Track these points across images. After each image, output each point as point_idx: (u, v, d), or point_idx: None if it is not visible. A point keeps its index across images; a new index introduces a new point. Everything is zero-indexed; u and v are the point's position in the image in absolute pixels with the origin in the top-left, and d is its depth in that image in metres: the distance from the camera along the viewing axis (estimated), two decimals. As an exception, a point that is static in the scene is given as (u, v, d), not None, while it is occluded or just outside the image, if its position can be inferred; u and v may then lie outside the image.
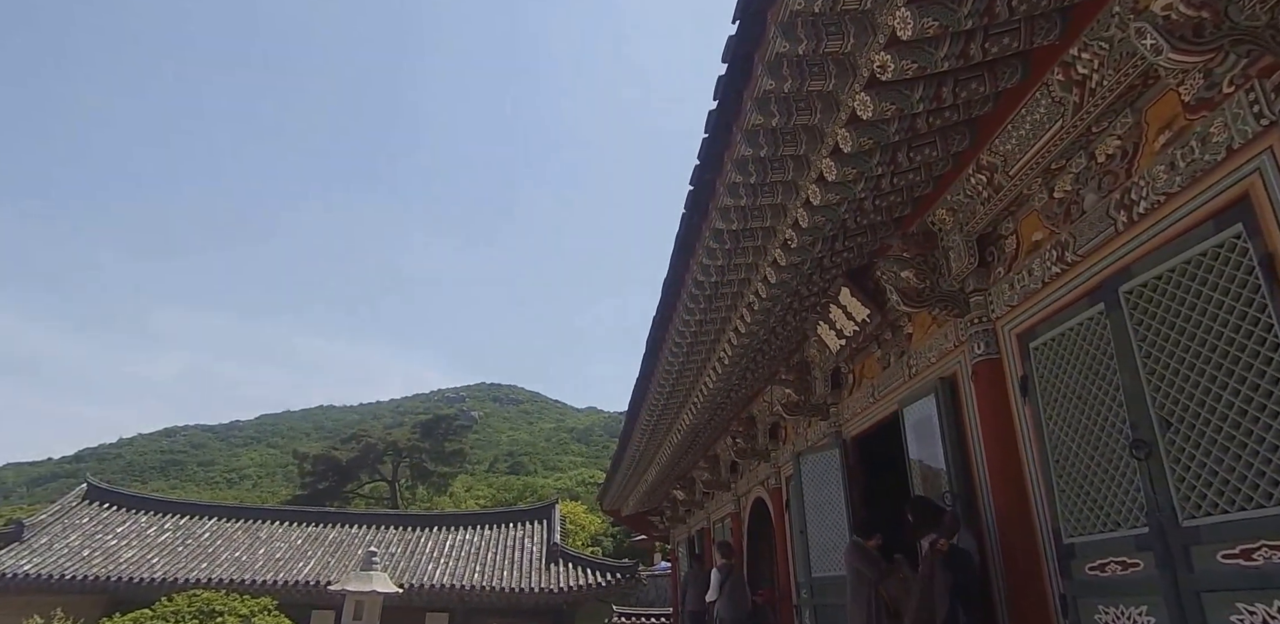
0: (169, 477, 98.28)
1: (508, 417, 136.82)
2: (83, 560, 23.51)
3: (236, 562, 24.70)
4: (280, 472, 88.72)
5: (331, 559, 25.36)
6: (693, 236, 6.38)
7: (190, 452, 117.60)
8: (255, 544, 26.35)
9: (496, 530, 28.42)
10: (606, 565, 25.61)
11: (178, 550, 25.20)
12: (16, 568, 22.23)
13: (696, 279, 6.72)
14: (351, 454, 53.91)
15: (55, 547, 24.22)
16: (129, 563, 23.72)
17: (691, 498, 14.79)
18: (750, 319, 7.10)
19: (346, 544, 26.78)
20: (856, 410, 7.66)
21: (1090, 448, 4.31)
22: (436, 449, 57.51)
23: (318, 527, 28.30)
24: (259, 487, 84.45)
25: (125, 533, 26.13)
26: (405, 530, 28.27)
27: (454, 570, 24.77)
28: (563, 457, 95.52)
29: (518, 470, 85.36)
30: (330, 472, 53.04)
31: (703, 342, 7.97)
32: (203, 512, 29.18)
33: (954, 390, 5.83)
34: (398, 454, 55.32)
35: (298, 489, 55.39)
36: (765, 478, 10.39)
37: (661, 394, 9.59)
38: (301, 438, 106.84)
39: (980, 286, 5.50)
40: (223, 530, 27.31)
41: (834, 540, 7.42)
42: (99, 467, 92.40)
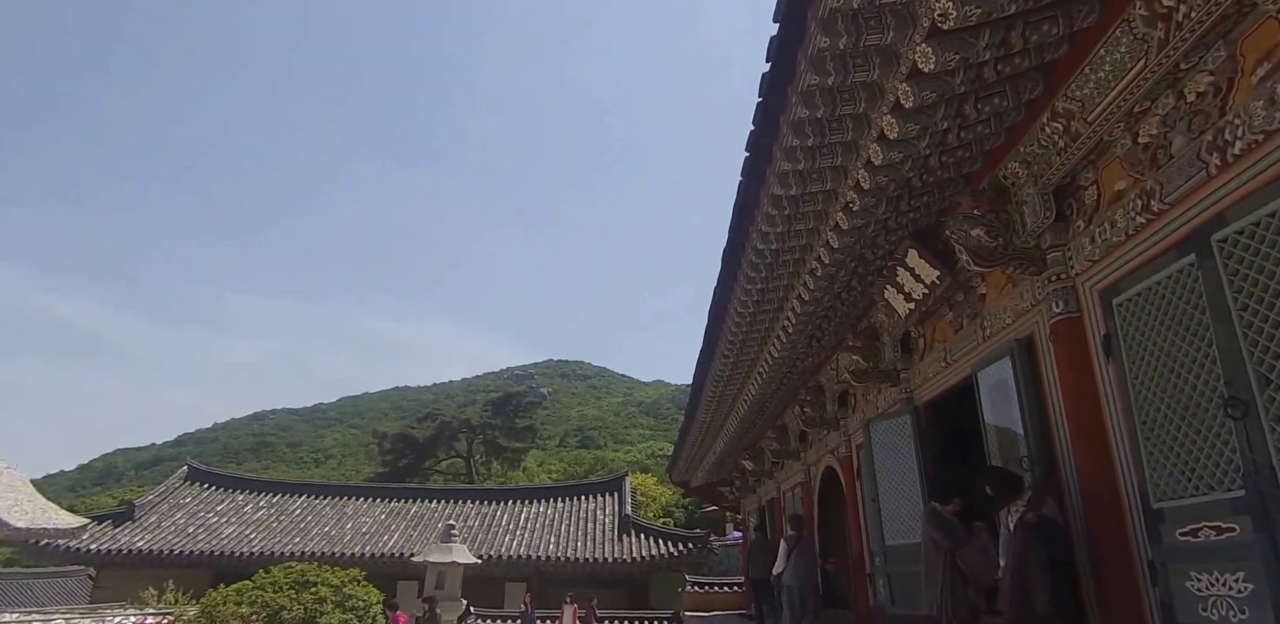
0: (260, 458, 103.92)
1: (576, 392, 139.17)
2: (188, 537, 25.22)
3: (326, 536, 26.08)
4: (362, 450, 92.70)
5: (413, 532, 26.50)
6: (750, 204, 6.27)
7: (279, 434, 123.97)
8: (343, 519, 27.73)
9: (569, 503, 29.10)
10: (678, 536, 25.96)
11: (272, 526, 26.75)
12: (130, 545, 24.02)
13: (756, 247, 6.61)
14: (427, 432, 55.87)
15: (164, 524, 26.02)
16: (229, 538, 25.33)
17: (761, 468, 14.77)
18: (814, 286, 6.95)
19: (427, 518, 27.91)
20: (928, 375, 7.46)
21: (1181, 408, 4.08)
22: (508, 426, 59.07)
23: (399, 502, 29.56)
24: (343, 465, 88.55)
25: (224, 511, 27.85)
26: (482, 504, 29.24)
27: (530, 542, 25.56)
28: (631, 430, 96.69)
29: (588, 445, 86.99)
30: (408, 450, 55.11)
31: (765, 311, 7.86)
32: (294, 490, 30.84)
33: (1031, 352, 5.61)
34: (471, 431, 57.06)
35: (379, 467, 57.83)
36: (835, 446, 10.27)
37: (725, 366, 9.54)
38: (380, 418, 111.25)
39: (1058, 242, 5.23)
40: (312, 507, 28.81)
41: (907, 508, 7.30)
42: (197, 450, 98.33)
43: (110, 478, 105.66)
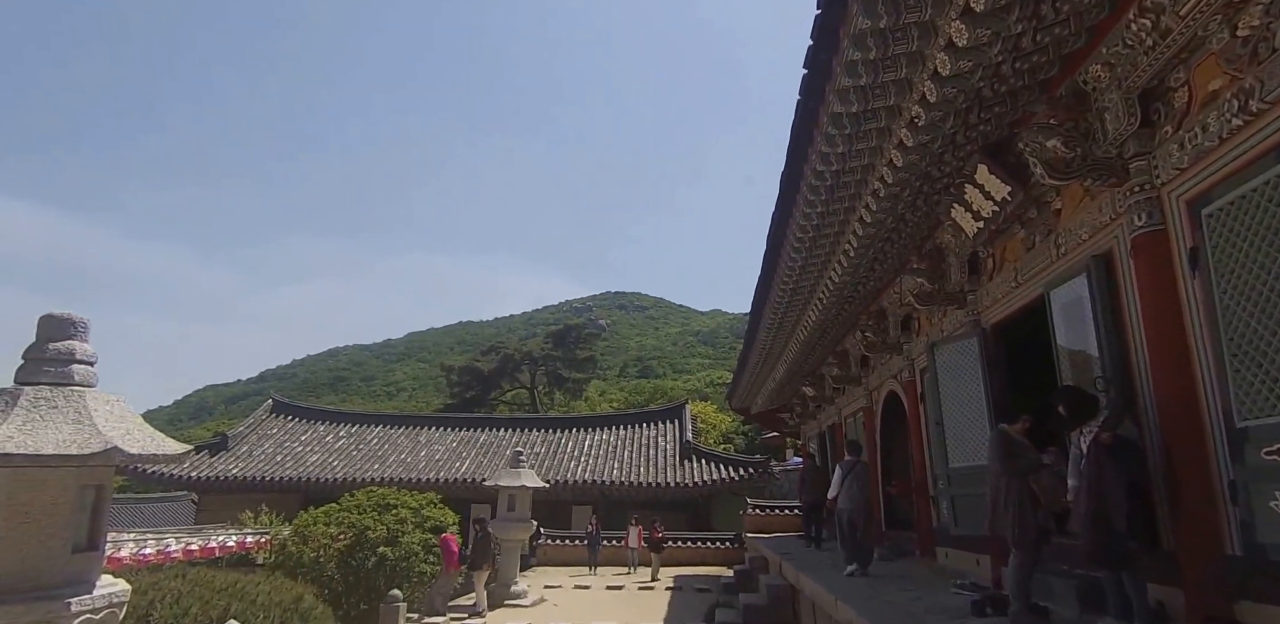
0: (337, 391, 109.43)
1: (634, 323, 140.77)
2: (277, 464, 27.06)
3: (402, 463, 27.61)
4: (430, 383, 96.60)
5: (484, 459, 27.80)
6: (809, 124, 6.00)
7: (352, 368, 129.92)
8: (417, 447, 29.25)
9: (631, 430, 29.94)
10: (738, 461, 26.56)
11: (352, 454, 28.42)
12: (227, 472, 25.95)
13: (816, 169, 6.38)
14: (492, 365, 57.67)
15: (255, 453, 27.94)
16: (314, 465, 27.08)
17: (821, 394, 14.81)
18: (876, 207, 6.71)
19: (495, 446, 29.18)
20: (997, 297, 7.22)
21: (1273, 323, 3.86)
22: (569, 357, 60.44)
23: (469, 431, 30.91)
24: (414, 397, 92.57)
25: (308, 440, 29.67)
26: (547, 432, 30.34)
27: (594, 467, 26.56)
28: (690, 359, 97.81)
29: (647, 374, 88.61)
30: (475, 381, 57.14)
31: (825, 235, 7.66)
32: (370, 420, 32.54)
33: (1109, 268, 5.34)
34: (534, 363, 58.64)
35: (447, 398, 60.29)
36: (898, 371, 10.18)
37: (785, 292, 9.43)
38: (446, 352, 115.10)
39: (1142, 150, 4.87)
40: (388, 436, 30.42)
41: (973, 431, 7.24)
42: (279, 385, 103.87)
43: (203, 412, 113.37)
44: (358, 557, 16.31)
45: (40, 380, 3.24)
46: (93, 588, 3.43)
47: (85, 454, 3.05)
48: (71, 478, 3.22)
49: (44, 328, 3.36)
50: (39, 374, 3.28)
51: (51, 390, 3.21)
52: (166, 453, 3.50)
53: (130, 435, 3.32)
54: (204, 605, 9.50)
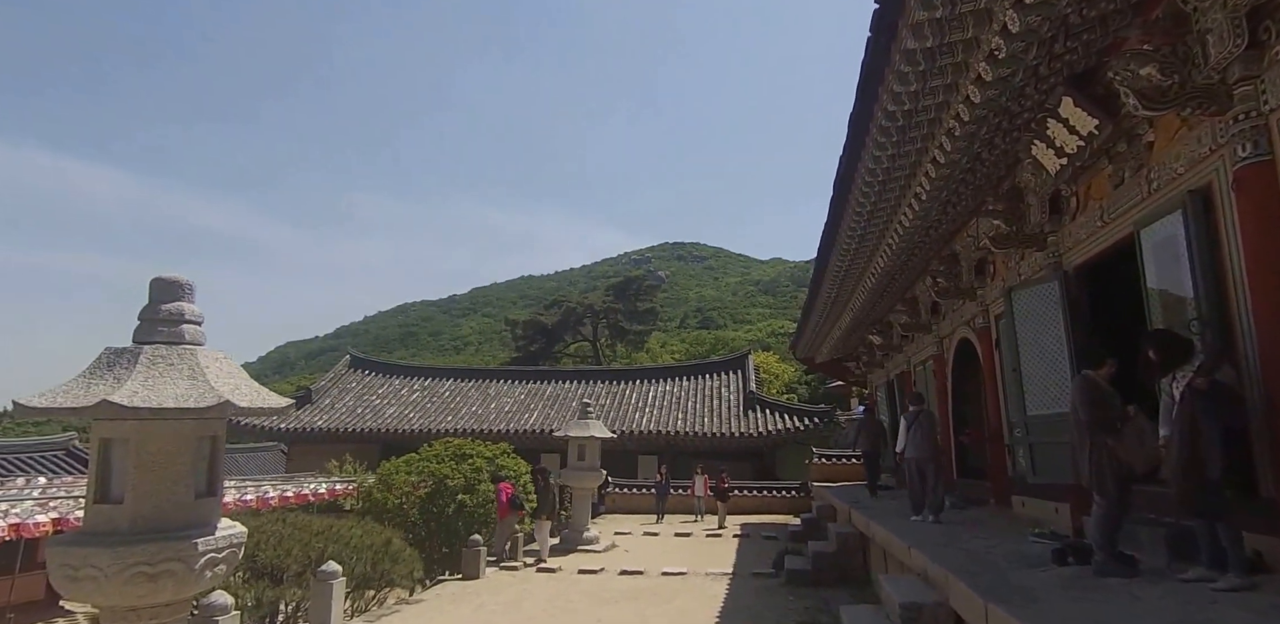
0: (407, 346, 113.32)
1: (694, 274, 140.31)
2: (357, 416, 28.44)
3: (474, 414, 28.64)
4: (495, 337, 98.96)
5: (551, 411, 28.58)
6: (880, 62, 5.74)
7: (420, 324, 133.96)
8: (487, 400, 30.23)
9: (694, 381, 30.20)
10: (803, 410, 26.59)
11: (426, 407, 29.60)
12: (312, 424, 27.43)
13: (886, 109, 6.13)
14: (555, 318, 58.62)
15: (336, 406, 29.38)
16: (391, 417, 28.34)
17: (889, 342, 14.58)
18: (951, 147, 6.44)
19: (562, 397, 29.91)
20: (1080, 237, 6.90)
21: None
22: (630, 309, 60.88)
23: (536, 383, 31.72)
24: (480, 351, 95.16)
25: (385, 394, 30.99)
26: (611, 384, 30.87)
27: (658, 418, 27.01)
28: (750, 309, 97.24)
29: (708, 325, 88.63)
30: (538, 335, 58.28)
31: (896, 178, 7.41)
32: (442, 374, 33.71)
33: (1208, 203, 5.03)
34: (595, 316, 59.32)
35: (513, 352, 61.79)
36: (971, 317, 9.92)
37: (852, 238, 9.22)
38: (509, 306, 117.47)
39: (1249, 74, 4.50)
40: (459, 389, 31.50)
41: (1052, 378, 7.05)
42: (353, 340, 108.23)
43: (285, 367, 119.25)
44: (438, 503, 17.17)
45: (156, 339, 3.47)
46: (214, 530, 3.72)
47: (201, 407, 3.27)
48: (190, 429, 3.47)
49: (155, 290, 3.57)
50: (154, 334, 3.50)
51: (167, 348, 3.43)
52: (272, 406, 3.72)
53: (239, 390, 3.54)
54: (304, 547, 10.22)
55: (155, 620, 3.61)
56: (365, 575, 10.68)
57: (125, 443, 3.33)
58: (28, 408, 3.05)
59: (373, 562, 10.93)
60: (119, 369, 3.27)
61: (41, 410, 3.05)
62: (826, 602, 9.45)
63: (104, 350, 3.39)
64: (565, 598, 10.54)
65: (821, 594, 9.99)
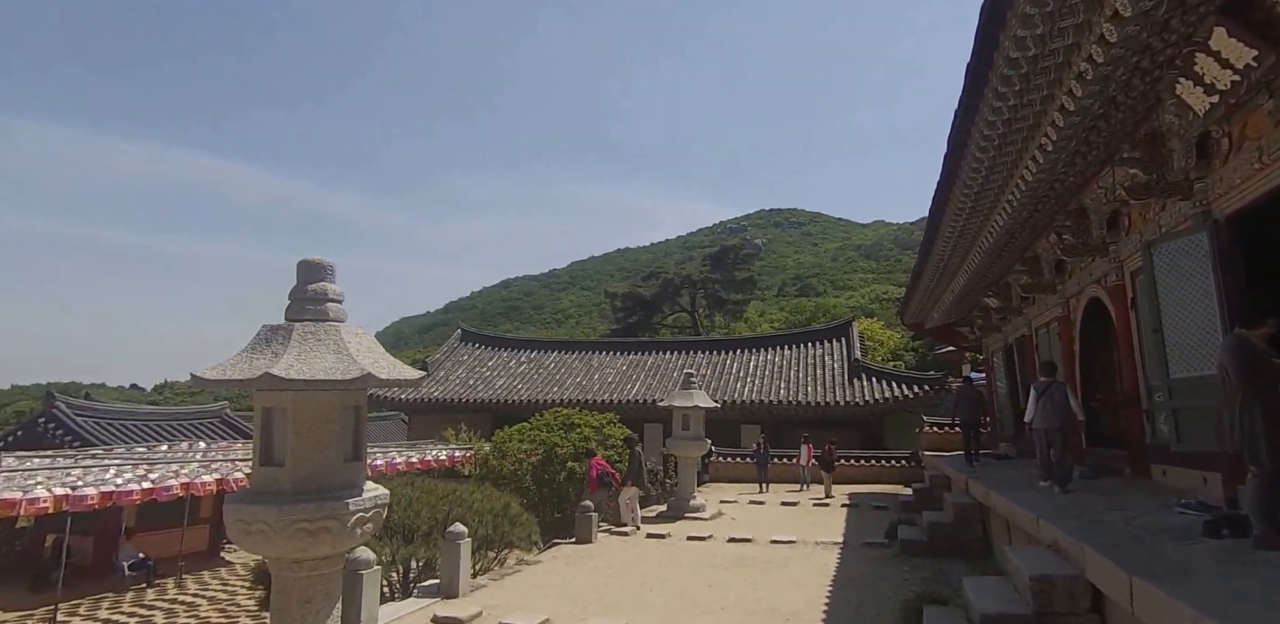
0: (511, 320, 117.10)
1: (791, 241, 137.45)
2: (469, 388, 29.77)
3: (578, 385, 29.38)
4: (595, 309, 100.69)
5: (652, 381, 28.93)
6: (1002, 5, 5.34)
7: (523, 298, 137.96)
8: (590, 371, 30.92)
9: (796, 350, 29.77)
10: (912, 378, 25.76)
11: (533, 378, 30.61)
12: (429, 395, 28.93)
13: (1009, 56, 5.71)
14: (653, 290, 58.99)
15: (450, 378, 30.84)
16: (501, 388, 29.50)
17: (1007, 304, 13.82)
18: (1081, 92, 5.94)
19: (662, 368, 30.20)
20: (1233, 182, 6.25)
21: None
22: (727, 278, 60.46)
23: (637, 354, 32.14)
24: (580, 324, 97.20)
25: (494, 366, 32.24)
26: (712, 354, 30.87)
27: (760, 387, 26.84)
28: (852, 275, 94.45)
29: (807, 292, 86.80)
30: (637, 307, 58.89)
31: (1018, 130, 6.93)
32: (547, 347, 34.72)
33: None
34: (693, 286, 59.25)
35: (612, 324, 62.78)
36: (1102, 275, 9.24)
37: (968, 196, 8.73)
38: (606, 279, 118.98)
39: None
40: (564, 361, 32.35)
41: (1199, 338, 6.50)
42: (461, 315, 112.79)
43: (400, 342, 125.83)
44: (549, 471, 17.86)
45: (305, 317, 3.74)
46: (361, 491, 4.01)
47: (347, 379, 3.51)
48: (337, 399, 3.74)
49: (302, 271, 3.84)
50: (303, 312, 3.77)
51: (314, 325, 3.69)
52: (407, 377, 3.94)
53: (378, 363, 3.77)
54: (431, 509, 10.89)
55: (315, 572, 3.95)
56: (487, 537, 11.28)
57: (283, 412, 3.63)
58: (203, 380, 3.37)
59: (493, 524, 11.53)
60: (275, 345, 3.55)
61: (214, 382, 3.36)
62: (944, 573, 9.24)
63: (261, 328, 3.68)
64: (676, 563, 10.78)
65: (938, 565, 9.77)
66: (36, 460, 13.13)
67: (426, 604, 8.34)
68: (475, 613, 7.85)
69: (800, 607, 8.11)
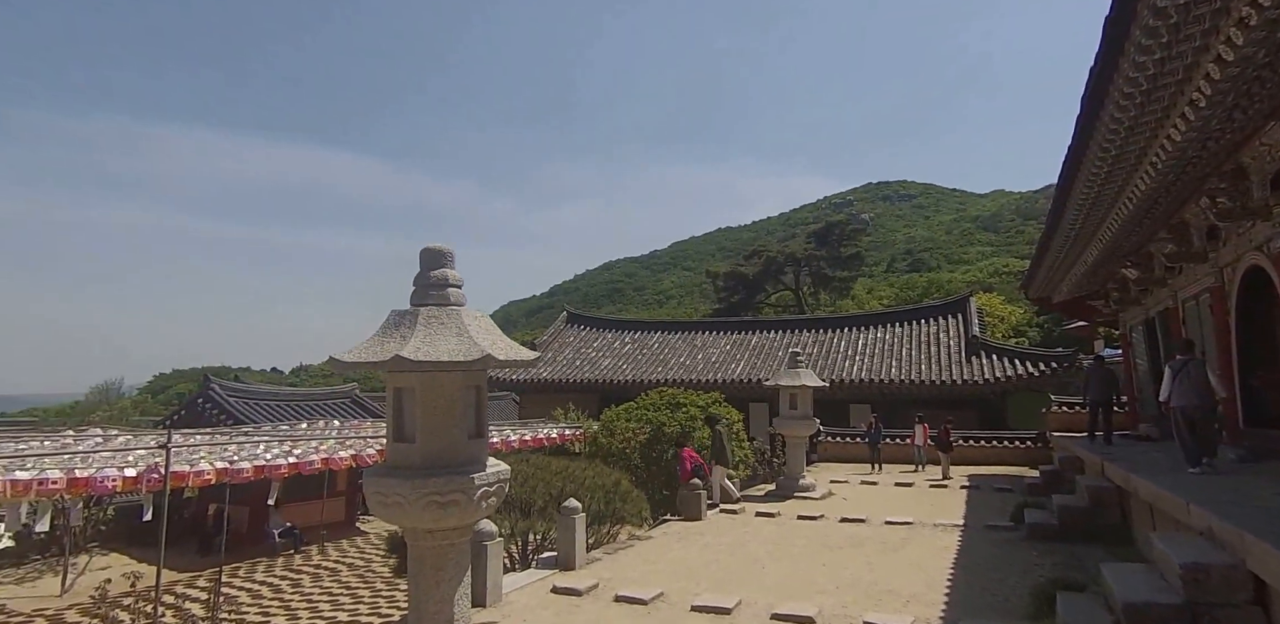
0: (613, 301, 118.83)
1: (901, 214, 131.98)
2: (576, 368, 30.47)
3: (682, 365, 29.48)
4: (696, 290, 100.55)
5: (757, 361, 28.63)
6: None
7: (625, 280, 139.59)
8: (694, 351, 30.94)
9: (908, 327, 28.64)
10: (1037, 355, 24.27)
11: (638, 358, 30.95)
12: (538, 375, 29.83)
13: (1155, 5, 5.18)
14: (755, 268, 58.15)
15: (558, 359, 31.67)
16: (606, 368, 30.02)
17: (1149, 275, 12.70)
18: (1244, 40, 5.30)
19: (767, 347, 29.81)
20: None
21: None
22: (833, 255, 58.72)
23: (740, 334, 31.88)
24: (682, 304, 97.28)
25: (599, 347, 32.84)
26: (818, 332, 30.18)
27: (870, 366, 26.03)
28: (968, 248, 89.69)
29: (918, 267, 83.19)
30: (739, 286, 58.29)
31: (1164, 85, 6.29)
32: (650, 327, 35.00)
33: None
34: (797, 264, 57.97)
35: (714, 304, 62.47)
36: (1264, 241, 8.33)
37: (1104, 160, 8.03)
38: (707, 258, 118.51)
39: None
40: (667, 341, 32.52)
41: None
42: (565, 298, 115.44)
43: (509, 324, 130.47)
44: (656, 449, 18.06)
45: (428, 302, 3.92)
46: (485, 467, 4.20)
47: (469, 360, 3.66)
48: (460, 380, 3.91)
49: (425, 259, 4.03)
50: (426, 297, 3.96)
51: (438, 310, 3.87)
52: (523, 358, 4.07)
53: (496, 345, 3.91)
54: (546, 485, 11.28)
55: (446, 541, 4.19)
56: (599, 512, 11.58)
57: (412, 391, 3.83)
58: (340, 362, 3.61)
59: (605, 500, 11.81)
60: (403, 328, 3.75)
61: (350, 364, 3.58)
62: (1078, 558, 8.74)
63: (390, 313, 3.90)
64: (787, 542, 10.71)
65: (1070, 550, 9.25)
66: (198, 437, 14.51)
67: (545, 575, 8.68)
68: (592, 584, 8.10)
69: (920, 589, 7.89)
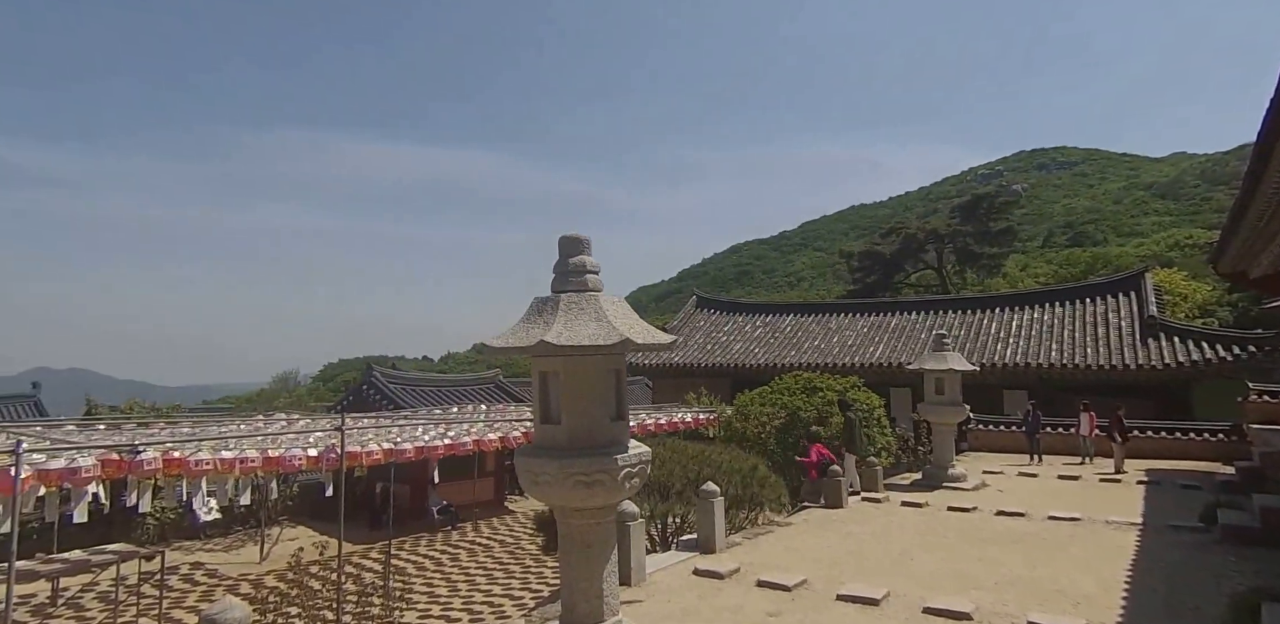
0: (742, 285, 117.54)
1: (1059, 183, 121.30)
2: (707, 352, 30.43)
3: (816, 348, 28.70)
4: (828, 271, 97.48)
5: (897, 343, 27.35)
6: None
7: (753, 263, 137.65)
8: (828, 334, 30.03)
9: (1070, 307, 26.36)
10: (1230, 337, 21.59)
11: (770, 342, 30.46)
12: (669, 360, 30.07)
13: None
14: (893, 247, 55.36)
15: (688, 344, 31.77)
16: (738, 353, 29.77)
17: (1371, 243, 10.90)
18: None
19: (907, 330, 28.42)
20: None
21: None
22: (980, 230, 54.77)
23: (878, 315, 30.58)
24: (813, 286, 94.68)
25: (730, 330, 32.62)
26: (964, 313, 28.41)
27: (1025, 349, 24.17)
28: (1141, 219, 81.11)
29: (1081, 241, 76.13)
30: (875, 265, 55.79)
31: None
32: (782, 310, 34.33)
33: None
34: (939, 241, 54.54)
35: (848, 285, 60.24)
36: None
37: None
38: (840, 238, 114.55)
39: None
40: (801, 324, 31.77)
41: None
42: (694, 282, 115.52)
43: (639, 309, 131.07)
44: (793, 434, 17.73)
45: (568, 288, 4.01)
46: (627, 448, 4.25)
47: (609, 344, 3.71)
48: (600, 363, 3.97)
49: (563, 246, 4.12)
50: (566, 283, 4.05)
51: (577, 295, 3.95)
52: (661, 342, 4.06)
53: (634, 329, 3.93)
54: (683, 468, 11.36)
55: (592, 520, 4.29)
56: (737, 497, 11.53)
57: (556, 375, 3.94)
58: (490, 347, 3.76)
59: (742, 485, 11.74)
60: (546, 315, 3.85)
61: (499, 349, 3.73)
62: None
63: (533, 300, 4.01)
64: (936, 534, 10.20)
65: (1275, 557, 8.18)
66: (365, 421, 15.81)
67: (687, 557, 8.76)
68: (733, 568, 8.09)
69: (1091, 590, 7.26)
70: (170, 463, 9.27)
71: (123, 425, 13.65)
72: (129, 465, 8.74)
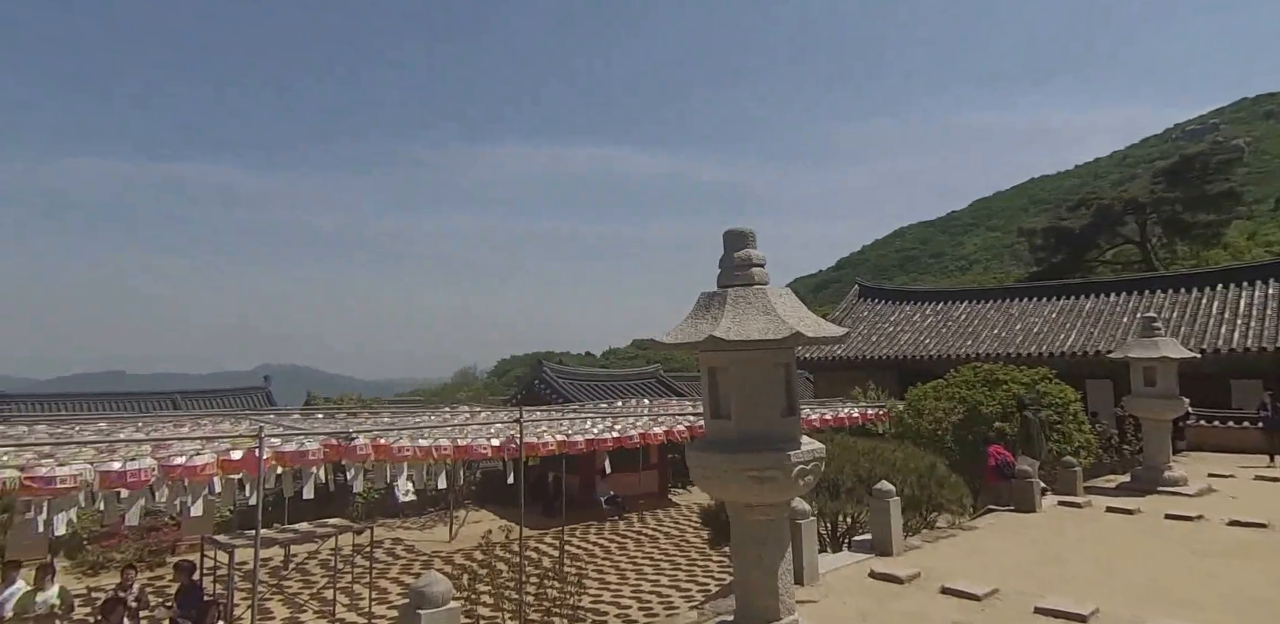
0: (905, 271, 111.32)
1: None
2: (872, 344, 29.11)
3: (996, 337, 26.55)
4: (1005, 252, 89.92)
5: (1093, 329, 24.70)
6: None
7: (919, 247, 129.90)
8: (1009, 321, 27.69)
9: (1313, 281, 22.56)
10: None
11: (941, 331, 28.59)
12: (832, 352, 29.09)
13: None
14: (1082, 221, 49.77)
15: (852, 335, 30.57)
16: (906, 344, 28.22)
17: None
18: None
19: (1106, 313, 25.58)
20: None
21: None
22: (1192, 196, 47.76)
23: (1067, 299, 27.78)
24: (987, 269, 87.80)
25: (897, 320, 31.00)
26: (1174, 292, 25.15)
27: (1260, 332, 20.96)
28: (1400, 174, 67.86)
29: (1321, 204, 64.80)
30: (1061, 243, 50.49)
31: None
32: (953, 297, 32.12)
33: None
34: (1140, 211, 48.28)
35: (1029, 266, 55.03)
36: None
37: None
38: (1017, 215, 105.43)
39: None
40: (976, 311, 29.56)
41: None
42: (853, 271, 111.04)
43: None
44: (973, 431, 16.53)
45: (735, 283, 3.94)
46: (799, 444, 4.11)
47: (778, 338, 3.59)
48: (769, 358, 3.87)
49: (728, 240, 4.06)
50: (732, 278, 3.97)
51: (744, 289, 3.87)
52: (833, 334, 3.88)
53: (804, 321, 3.78)
54: (853, 466, 10.93)
55: (765, 516, 4.20)
56: (914, 497, 10.90)
57: (724, 370, 3.88)
58: (661, 343, 3.77)
59: (919, 484, 11.09)
60: (714, 310, 3.80)
61: (670, 345, 3.73)
62: None
63: (700, 295, 3.98)
64: (1150, 544, 9.08)
65: None
66: (538, 413, 16.63)
67: (861, 559, 8.40)
68: (913, 573, 7.65)
69: (1360, 619, 6.14)
70: (378, 449, 10.23)
71: (335, 415, 15.31)
72: (345, 450, 9.75)
